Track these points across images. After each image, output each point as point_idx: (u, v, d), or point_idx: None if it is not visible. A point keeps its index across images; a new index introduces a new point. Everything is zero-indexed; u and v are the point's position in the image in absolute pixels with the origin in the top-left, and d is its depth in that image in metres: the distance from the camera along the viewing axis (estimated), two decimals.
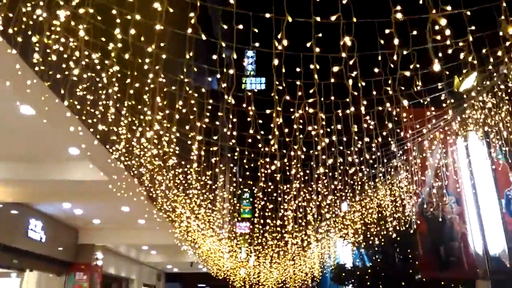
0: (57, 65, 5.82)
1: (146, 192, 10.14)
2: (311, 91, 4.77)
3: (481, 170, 9.98)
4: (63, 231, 15.56)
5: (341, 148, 6.47)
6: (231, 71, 4.85)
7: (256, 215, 11.25)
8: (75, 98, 6.71)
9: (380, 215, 10.76)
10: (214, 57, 5.14)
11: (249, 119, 5.42)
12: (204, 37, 4.55)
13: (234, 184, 11.12)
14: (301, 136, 5.64)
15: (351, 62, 4.31)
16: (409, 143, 7.43)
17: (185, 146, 7.61)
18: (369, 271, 14.29)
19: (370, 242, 12.07)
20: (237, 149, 8.02)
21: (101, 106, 6.89)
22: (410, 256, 13.52)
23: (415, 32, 4.29)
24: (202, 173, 9.14)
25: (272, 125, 5.35)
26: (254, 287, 23.66)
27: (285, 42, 4.14)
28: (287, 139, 5.81)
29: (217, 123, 8.14)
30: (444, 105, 6.30)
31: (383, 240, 11.40)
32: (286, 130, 5.66)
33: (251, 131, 5.52)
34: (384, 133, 6.38)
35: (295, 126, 5.48)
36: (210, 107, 6.42)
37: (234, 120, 6.59)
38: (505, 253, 9.33)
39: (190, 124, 6.96)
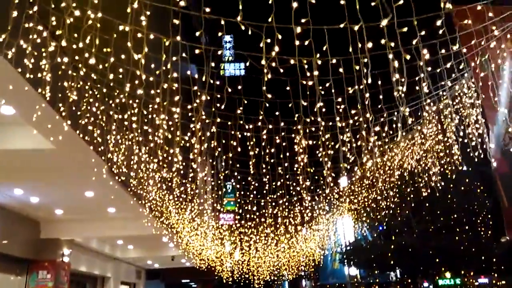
0: None
1: (106, 162, 8.24)
2: None
3: None
4: (20, 223, 13.52)
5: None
6: None
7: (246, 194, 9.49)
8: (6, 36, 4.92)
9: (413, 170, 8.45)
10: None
11: None
12: None
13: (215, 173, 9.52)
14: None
15: None
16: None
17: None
18: (392, 247, 12.25)
19: (391, 211, 9.84)
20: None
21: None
22: (452, 221, 11.21)
23: None
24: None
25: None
26: (244, 277, 21.85)
27: None
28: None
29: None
30: None
31: (399, 208, 9.48)
32: None
33: None
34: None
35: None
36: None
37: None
38: None
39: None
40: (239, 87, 5.37)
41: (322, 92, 4.16)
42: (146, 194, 9.73)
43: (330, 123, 5.47)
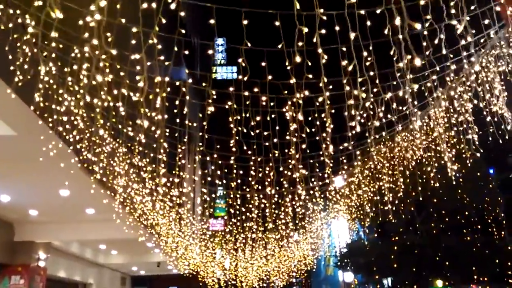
0: None
1: (76, 155, 7.48)
2: None
3: None
4: None
5: None
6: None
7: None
8: None
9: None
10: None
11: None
12: None
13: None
14: None
15: None
16: None
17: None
18: (395, 248, 11.07)
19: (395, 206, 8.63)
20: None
21: None
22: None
23: None
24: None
25: None
26: (231, 284, 20.89)
27: None
28: None
29: None
30: None
31: (402, 204, 8.50)
32: None
33: None
34: None
35: None
36: None
37: None
38: None
39: None
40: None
41: (324, 17, 3.46)
42: (117, 187, 8.90)
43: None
